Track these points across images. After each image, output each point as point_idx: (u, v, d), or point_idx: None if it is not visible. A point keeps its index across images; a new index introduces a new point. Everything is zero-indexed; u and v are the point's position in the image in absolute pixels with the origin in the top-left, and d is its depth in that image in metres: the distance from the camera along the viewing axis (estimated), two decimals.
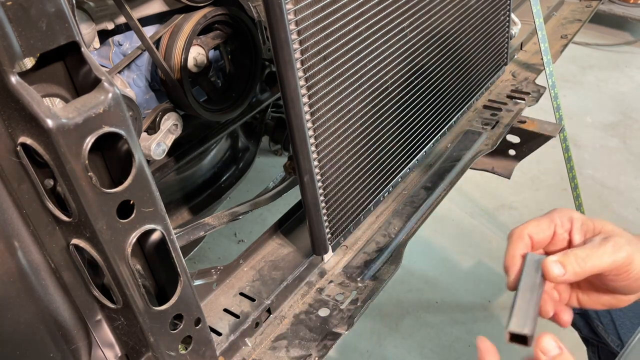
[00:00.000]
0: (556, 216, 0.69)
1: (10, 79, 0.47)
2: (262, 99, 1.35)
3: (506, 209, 2.15)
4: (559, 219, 0.68)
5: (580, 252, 0.63)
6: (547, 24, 1.70)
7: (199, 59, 1.07)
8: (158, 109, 1.07)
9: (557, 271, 0.62)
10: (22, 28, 0.46)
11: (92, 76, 0.51)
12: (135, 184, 0.54)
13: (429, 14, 1.05)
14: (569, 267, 0.62)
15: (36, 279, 0.58)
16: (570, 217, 0.68)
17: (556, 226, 0.68)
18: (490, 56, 1.34)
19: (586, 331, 1.11)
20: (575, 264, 0.62)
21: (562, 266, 0.63)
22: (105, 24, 0.99)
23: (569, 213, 0.68)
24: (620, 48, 3.10)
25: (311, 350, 0.83)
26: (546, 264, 0.63)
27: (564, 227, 0.68)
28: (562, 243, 0.69)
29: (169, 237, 0.60)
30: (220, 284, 0.93)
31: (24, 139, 0.50)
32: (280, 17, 0.72)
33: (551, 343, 0.58)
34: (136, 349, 0.65)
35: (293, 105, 0.79)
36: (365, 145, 0.98)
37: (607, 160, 2.35)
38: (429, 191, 1.12)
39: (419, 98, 1.10)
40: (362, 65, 0.91)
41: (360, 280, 0.93)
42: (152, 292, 0.68)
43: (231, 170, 1.51)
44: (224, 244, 2.06)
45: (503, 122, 1.30)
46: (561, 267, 0.63)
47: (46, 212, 0.56)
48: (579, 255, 0.63)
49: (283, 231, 1.03)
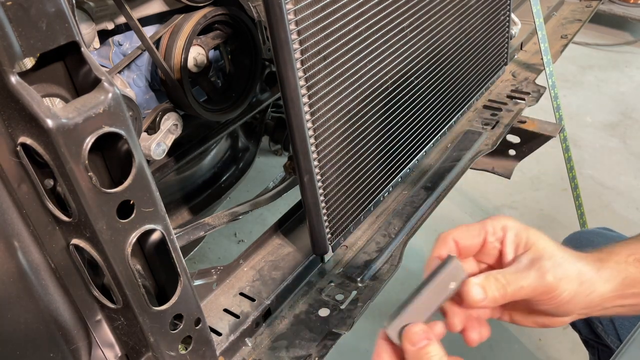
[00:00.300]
0: (489, 223, 0.64)
1: (10, 79, 0.47)
2: (262, 99, 1.35)
3: (506, 209, 2.15)
4: (492, 226, 0.63)
5: (502, 277, 0.58)
6: (547, 24, 1.70)
7: (199, 59, 1.07)
8: (158, 109, 1.07)
9: (478, 295, 0.58)
10: (22, 28, 0.46)
11: (92, 76, 0.51)
12: (135, 184, 0.54)
13: (429, 14, 1.05)
14: (489, 292, 0.58)
15: (36, 279, 0.58)
16: (504, 226, 0.63)
17: (487, 234, 0.63)
18: (490, 56, 1.34)
19: (586, 332, 1.11)
20: (496, 289, 0.58)
21: (484, 290, 0.58)
22: (105, 24, 0.99)
23: (504, 221, 0.63)
24: (621, 48, 3.10)
25: (311, 351, 0.83)
26: (467, 285, 0.58)
27: (496, 236, 0.63)
28: (493, 252, 0.64)
29: (169, 237, 0.60)
30: (220, 284, 0.93)
31: (24, 139, 0.50)
32: (280, 17, 0.72)
33: (420, 334, 0.54)
34: (136, 349, 0.65)
35: (293, 105, 0.79)
36: (365, 145, 0.98)
37: (607, 160, 2.35)
38: (429, 191, 1.12)
39: (419, 98, 1.10)
40: (362, 65, 0.91)
41: (360, 280, 0.93)
42: (152, 292, 0.68)
43: (231, 170, 1.51)
44: (224, 244, 2.06)
45: (503, 122, 1.30)
46: (482, 291, 0.58)
47: (46, 212, 0.56)
48: (500, 280, 0.58)
49: (283, 231, 1.03)
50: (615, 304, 0.63)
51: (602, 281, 0.61)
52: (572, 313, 0.62)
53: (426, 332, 0.54)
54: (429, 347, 0.54)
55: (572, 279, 0.59)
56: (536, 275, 0.58)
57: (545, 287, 0.58)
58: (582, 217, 1.87)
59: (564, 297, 0.59)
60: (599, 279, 0.61)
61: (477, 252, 0.65)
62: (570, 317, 0.63)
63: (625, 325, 1.01)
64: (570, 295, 0.59)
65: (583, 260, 0.61)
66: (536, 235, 0.62)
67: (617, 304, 0.63)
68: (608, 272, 0.62)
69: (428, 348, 0.54)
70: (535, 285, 0.58)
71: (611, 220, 2.04)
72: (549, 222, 2.07)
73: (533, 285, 0.58)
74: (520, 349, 1.67)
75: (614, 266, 0.62)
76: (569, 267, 0.60)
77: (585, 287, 0.60)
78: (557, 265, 0.59)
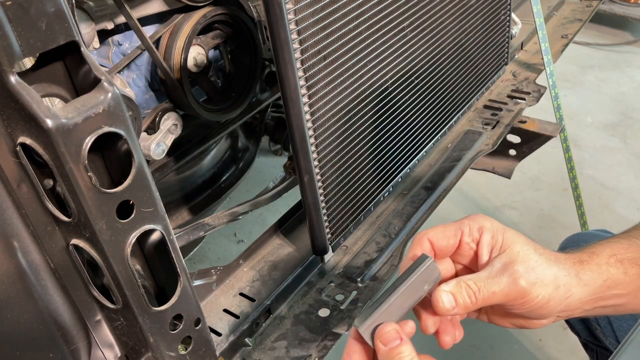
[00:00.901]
0: (466, 224, 0.63)
1: (9, 79, 0.47)
2: (262, 99, 1.35)
3: (506, 209, 2.15)
4: (469, 227, 0.63)
5: (473, 284, 0.58)
6: (548, 23, 1.70)
7: (199, 58, 1.07)
8: (158, 109, 1.07)
9: (448, 304, 0.57)
10: (21, 28, 0.46)
11: (92, 76, 0.51)
12: (135, 184, 0.54)
13: (429, 14, 1.05)
14: (459, 299, 0.58)
15: (36, 279, 0.58)
16: (481, 227, 0.62)
17: (463, 234, 0.63)
18: (490, 56, 1.34)
19: (585, 334, 1.11)
20: (467, 297, 0.58)
21: (454, 298, 0.58)
22: (104, 24, 0.99)
23: (481, 221, 0.62)
24: (621, 48, 3.10)
25: (311, 351, 0.83)
26: (437, 294, 0.58)
27: (472, 237, 0.63)
28: (468, 253, 0.64)
29: (169, 237, 0.60)
30: (220, 284, 0.93)
31: (24, 139, 0.50)
32: (280, 17, 0.72)
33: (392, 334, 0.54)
34: (136, 349, 0.65)
35: (293, 105, 0.79)
36: (365, 145, 0.98)
37: (607, 160, 2.35)
38: (429, 191, 1.12)
39: (419, 98, 1.10)
40: (362, 65, 0.91)
41: (360, 281, 0.93)
42: (152, 292, 0.68)
43: (231, 170, 1.51)
44: (224, 244, 2.06)
45: (503, 122, 1.30)
46: (452, 299, 0.58)
47: (46, 212, 0.56)
48: (472, 287, 0.58)
49: (283, 231, 1.03)
50: (597, 305, 0.62)
51: (581, 285, 0.60)
52: (549, 316, 0.61)
53: (398, 332, 0.55)
54: (401, 347, 0.54)
55: (547, 284, 0.58)
56: (508, 281, 0.58)
57: (518, 293, 0.58)
58: (583, 217, 1.87)
59: (538, 302, 0.58)
60: (577, 283, 0.60)
61: (453, 252, 0.64)
62: (548, 319, 0.62)
63: (623, 327, 1.01)
64: (545, 300, 0.58)
65: (561, 264, 0.60)
66: (512, 238, 0.61)
67: (599, 305, 0.62)
68: (589, 275, 0.61)
69: (400, 348, 0.54)
70: (507, 290, 0.58)
71: (611, 220, 2.04)
72: (549, 222, 2.07)
73: (505, 290, 0.58)
74: (520, 349, 1.67)
75: (595, 268, 0.61)
76: (543, 272, 0.59)
77: (561, 291, 0.59)
78: (530, 269, 0.58)
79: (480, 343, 1.66)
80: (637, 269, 0.62)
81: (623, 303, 0.63)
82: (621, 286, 0.61)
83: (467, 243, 0.63)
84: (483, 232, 0.62)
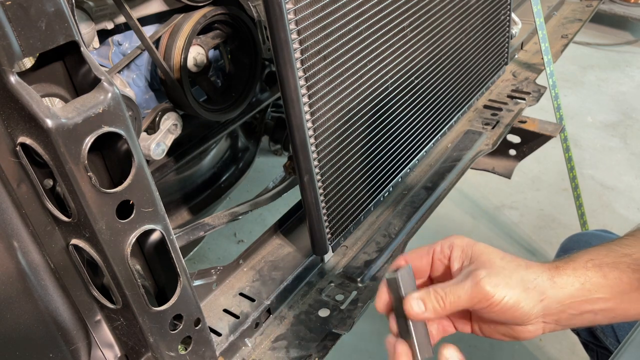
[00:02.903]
0: (438, 243, 0.68)
1: (9, 79, 0.47)
2: (262, 99, 1.35)
3: (507, 209, 2.15)
4: (440, 245, 0.68)
5: (441, 290, 0.62)
6: (548, 23, 1.70)
7: (199, 58, 1.07)
8: (158, 109, 1.06)
9: (417, 309, 0.62)
10: (21, 28, 0.46)
11: (92, 76, 0.51)
12: (135, 184, 0.54)
13: (429, 14, 1.05)
14: (428, 304, 0.62)
15: (36, 279, 0.58)
16: (451, 244, 0.67)
17: (435, 252, 0.68)
18: (490, 56, 1.34)
19: (585, 334, 1.11)
20: (435, 301, 0.62)
21: (423, 303, 0.62)
22: (104, 24, 0.99)
23: (452, 239, 0.67)
24: (621, 48, 3.10)
25: (311, 351, 0.82)
26: (407, 301, 0.62)
27: (443, 254, 0.67)
28: (440, 269, 0.68)
29: (169, 238, 0.60)
30: (220, 284, 0.93)
31: (24, 139, 0.50)
32: (280, 17, 0.72)
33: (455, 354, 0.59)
34: (136, 349, 0.65)
35: (293, 105, 0.79)
36: (365, 145, 0.98)
37: (607, 160, 2.35)
38: (429, 191, 1.12)
39: (419, 98, 1.10)
40: (362, 65, 0.91)
41: (360, 281, 0.93)
42: (152, 292, 0.68)
43: (231, 170, 1.51)
44: (224, 244, 2.06)
45: (503, 122, 1.30)
46: (421, 304, 0.62)
47: (46, 212, 0.56)
48: (439, 292, 0.62)
49: (283, 231, 1.03)
50: (584, 309, 0.63)
51: (557, 288, 0.62)
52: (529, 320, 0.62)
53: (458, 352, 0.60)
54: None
55: (512, 286, 0.61)
56: (471, 284, 0.61)
57: (482, 295, 0.61)
58: (583, 217, 1.87)
59: (505, 303, 0.61)
60: (551, 286, 0.62)
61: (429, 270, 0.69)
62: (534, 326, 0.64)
63: (623, 327, 1.01)
64: (513, 301, 0.61)
65: (531, 269, 0.63)
66: (480, 249, 0.65)
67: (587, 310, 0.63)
68: (564, 278, 0.63)
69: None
70: (471, 292, 0.61)
71: (611, 220, 2.03)
72: (549, 222, 2.07)
73: (469, 293, 0.61)
74: (520, 349, 1.67)
75: (570, 272, 0.63)
76: (509, 275, 0.62)
77: (532, 293, 0.61)
78: (493, 274, 0.61)
79: (480, 343, 1.66)
80: (618, 273, 0.63)
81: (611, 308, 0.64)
82: (603, 290, 0.63)
83: (439, 259, 0.68)
84: (453, 248, 0.67)
